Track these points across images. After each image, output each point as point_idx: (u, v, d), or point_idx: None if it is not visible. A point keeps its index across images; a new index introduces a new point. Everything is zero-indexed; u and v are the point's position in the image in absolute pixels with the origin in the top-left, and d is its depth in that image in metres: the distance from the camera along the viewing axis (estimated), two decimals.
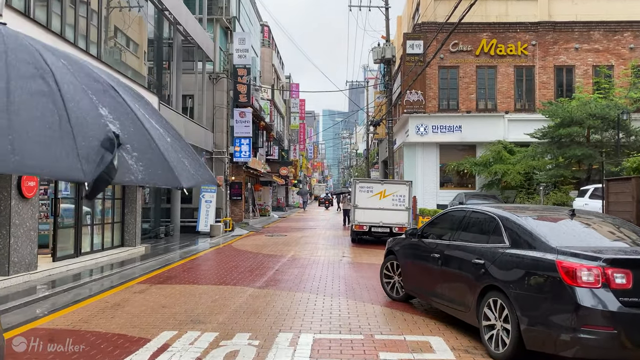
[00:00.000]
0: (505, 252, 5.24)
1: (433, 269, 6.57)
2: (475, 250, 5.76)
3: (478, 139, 25.18)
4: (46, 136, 1.61)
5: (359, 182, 15.80)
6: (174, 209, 19.53)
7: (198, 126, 19.13)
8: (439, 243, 6.64)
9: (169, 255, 13.40)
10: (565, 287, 4.45)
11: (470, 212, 6.49)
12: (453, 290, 6.11)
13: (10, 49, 1.73)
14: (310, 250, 14.50)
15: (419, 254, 7.14)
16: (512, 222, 5.48)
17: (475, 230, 6.15)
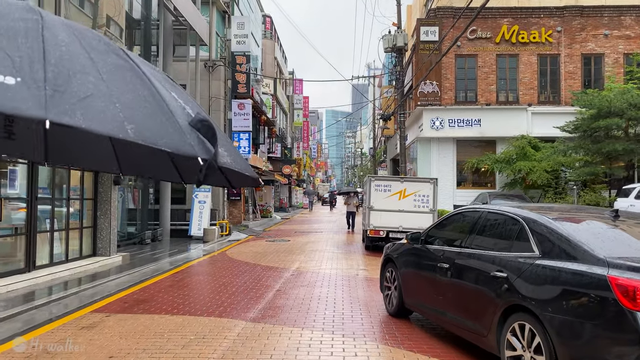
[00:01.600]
0: (535, 263, 4.23)
1: (440, 282, 5.41)
2: (494, 259, 4.68)
3: (498, 134, 22.74)
4: (146, 108, 1.69)
5: (375, 179, 13.37)
6: (164, 210, 17.14)
7: None
8: (448, 250, 5.47)
9: (149, 266, 11.00)
10: (623, 311, 3.44)
11: (486, 213, 5.29)
12: (465, 308, 4.98)
13: (75, 29, 1.78)
14: (318, 260, 12.08)
15: (423, 262, 5.93)
16: (541, 226, 4.44)
17: (494, 235, 5.02)
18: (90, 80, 1.60)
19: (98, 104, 1.54)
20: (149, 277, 9.77)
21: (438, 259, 5.52)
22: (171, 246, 15.20)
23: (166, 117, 1.75)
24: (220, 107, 20.49)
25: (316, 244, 15.67)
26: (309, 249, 14.31)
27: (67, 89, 1.48)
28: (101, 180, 11.51)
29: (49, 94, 1.43)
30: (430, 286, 5.65)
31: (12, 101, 1.36)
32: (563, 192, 20.45)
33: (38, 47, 1.52)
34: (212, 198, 19.51)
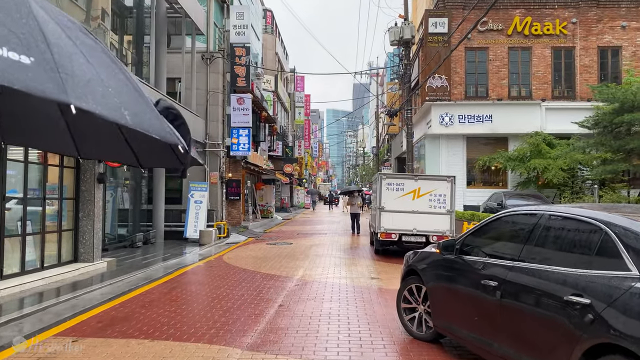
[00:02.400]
0: (636, 287, 3.08)
1: (485, 303, 4.23)
2: (567, 279, 3.54)
3: (511, 130, 21.53)
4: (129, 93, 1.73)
5: (387, 177, 12.12)
6: (157, 210, 15.91)
7: (184, 110, 15.46)
8: (495, 263, 4.30)
9: (137, 274, 9.78)
10: None
11: (547, 218, 4.08)
12: (523, 340, 3.80)
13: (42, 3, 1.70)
14: (324, 267, 10.84)
15: (460, 277, 4.75)
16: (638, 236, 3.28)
17: (563, 247, 3.86)
18: (82, 62, 1.60)
19: (98, 88, 1.56)
20: (134, 287, 8.54)
21: (481, 274, 4.37)
22: (164, 250, 13.97)
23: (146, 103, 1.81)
24: (219, 101, 19.26)
25: (321, 248, 14.43)
26: (313, 254, 13.07)
27: (72, 72, 1.48)
28: (83, 178, 10.28)
29: (63, 77, 1.43)
30: (470, 307, 4.51)
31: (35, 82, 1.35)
32: (580, 192, 19.24)
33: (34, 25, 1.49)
34: (209, 198, 18.31)
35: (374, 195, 13.82)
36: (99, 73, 1.64)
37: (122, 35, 15.31)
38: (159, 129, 1.78)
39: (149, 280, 9.24)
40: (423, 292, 5.37)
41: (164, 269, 10.60)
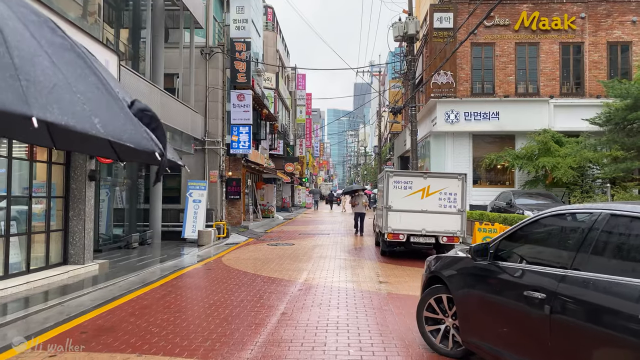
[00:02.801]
0: None
1: (529, 318, 3.55)
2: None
3: (518, 128, 20.91)
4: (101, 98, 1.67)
5: (394, 175, 11.48)
6: (154, 210, 15.29)
7: (182, 105, 14.84)
8: (540, 272, 3.60)
9: (130, 277, 9.16)
10: None
11: (608, 217, 3.36)
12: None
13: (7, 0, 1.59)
14: (329, 269, 10.22)
15: (496, 287, 4.06)
16: None
17: (632, 255, 3.14)
18: (47, 65, 1.51)
19: (65, 96, 1.47)
20: (125, 291, 7.92)
21: (523, 284, 3.70)
22: (161, 251, 13.36)
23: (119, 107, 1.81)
24: (218, 97, 18.64)
25: (324, 249, 13.81)
26: (316, 255, 12.45)
27: (34, 78, 1.39)
28: (74, 176, 9.67)
29: (24, 84, 1.33)
30: (508, 323, 3.86)
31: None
32: (591, 191, 18.62)
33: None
34: (208, 197, 17.69)
35: (379, 194, 13.19)
36: (67, 76, 1.56)
37: (118, 29, 14.71)
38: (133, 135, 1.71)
39: (143, 284, 8.63)
40: (450, 302, 4.72)
41: (159, 271, 9.99)
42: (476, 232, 11.06)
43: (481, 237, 11.05)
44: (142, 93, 11.62)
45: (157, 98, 12.57)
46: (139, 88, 11.53)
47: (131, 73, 11.24)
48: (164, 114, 12.97)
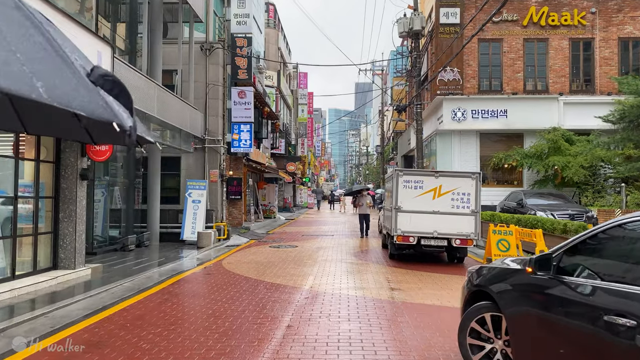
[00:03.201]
0: None
1: (612, 349, 2.80)
2: None
3: (526, 126, 20.29)
4: (48, 59, 1.48)
5: (404, 174, 10.83)
6: (152, 210, 14.66)
7: (181, 102, 14.21)
8: (627, 293, 2.83)
9: (124, 283, 8.54)
10: None
11: None
12: None
13: None
14: (336, 274, 9.58)
15: (564, 307, 3.26)
16: None
17: None
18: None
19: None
20: (118, 299, 7.29)
21: (601, 306, 2.97)
22: (158, 254, 12.73)
23: (71, 71, 1.54)
24: (219, 95, 18.00)
25: (329, 251, 13.17)
26: (321, 258, 11.81)
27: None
28: (64, 174, 9.04)
29: None
30: (581, 353, 3.15)
31: None
32: (603, 191, 17.98)
33: None
34: (208, 197, 17.07)
35: (387, 194, 12.54)
36: (4, 34, 1.39)
37: (114, 23, 14.09)
38: (87, 102, 1.44)
39: (137, 290, 8.00)
40: (500, 322, 3.98)
41: (156, 276, 9.36)
42: (490, 234, 10.42)
43: (496, 239, 10.42)
44: (137, 87, 10.99)
45: (154, 93, 11.94)
46: (135, 82, 10.90)
47: (126, 66, 10.61)
48: (161, 110, 12.35)
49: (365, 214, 17.39)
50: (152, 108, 11.74)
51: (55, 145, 9.00)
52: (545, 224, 10.79)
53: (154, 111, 11.80)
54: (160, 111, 12.27)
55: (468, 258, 11.49)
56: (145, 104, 11.27)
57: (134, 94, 10.17)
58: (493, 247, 10.42)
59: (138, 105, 10.90)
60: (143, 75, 11.39)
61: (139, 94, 11.03)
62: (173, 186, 17.23)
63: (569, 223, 9.88)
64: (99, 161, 9.78)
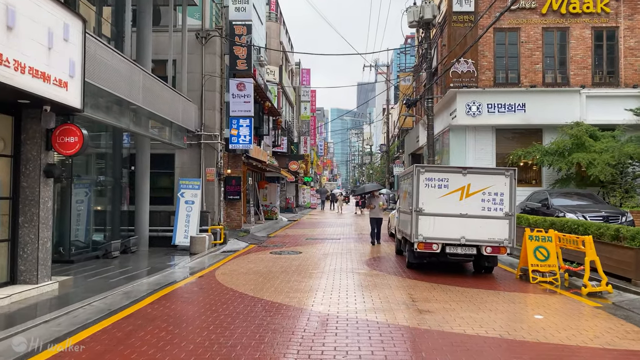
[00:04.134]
0: None
1: None
2: None
3: (546, 121, 18.69)
4: None
5: (426, 170, 9.23)
6: (140, 213, 13.10)
7: (172, 92, 12.63)
8: None
9: (93, 302, 6.98)
10: None
11: None
12: None
13: None
14: (349, 289, 8.01)
15: None
16: None
17: None
18: None
19: None
20: (76, 328, 5.74)
21: None
22: (146, 261, 11.20)
23: None
24: (216, 86, 16.45)
25: (337, 259, 11.58)
26: (329, 268, 10.23)
27: None
28: (24, 171, 7.49)
29: None
30: None
31: None
32: (632, 190, 16.39)
33: None
34: (204, 197, 15.54)
35: (403, 195, 10.93)
36: None
37: (100, 6, 12.56)
38: None
39: (107, 312, 6.44)
40: None
41: (135, 292, 7.80)
42: (527, 240, 8.84)
43: (533, 246, 8.85)
44: (119, 72, 9.43)
45: (140, 80, 10.37)
46: (116, 66, 9.34)
47: (104, 47, 9.04)
48: (148, 100, 10.79)
49: (377, 218, 14.94)
50: (136, 96, 10.18)
51: (14, 136, 7.46)
52: (590, 228, 9.19)
53: (138, 100, 10.24)
54: (147, 101, 10.71)
55: (497, 268, 9.91)
56: (128, 91, 9.72)
57: (114, 78, 8.52)
58: (530, 255, 8.84)
59: (119, 92, 9.34)
60: (126, 58, 9.82)
61: (119, 79, 9.48)
62: (166, 185, 15.68)
63: (623, 228, 8.29)
64: (68, 155, 8.22)
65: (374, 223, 14.86)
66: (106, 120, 9.34)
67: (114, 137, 12.62)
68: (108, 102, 9.64)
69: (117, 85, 9.20)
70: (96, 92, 8.89)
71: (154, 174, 16.30)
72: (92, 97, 8.80)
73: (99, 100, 9.18)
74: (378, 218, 14.86)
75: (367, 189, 15.29)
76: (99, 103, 9.21)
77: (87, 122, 10.11)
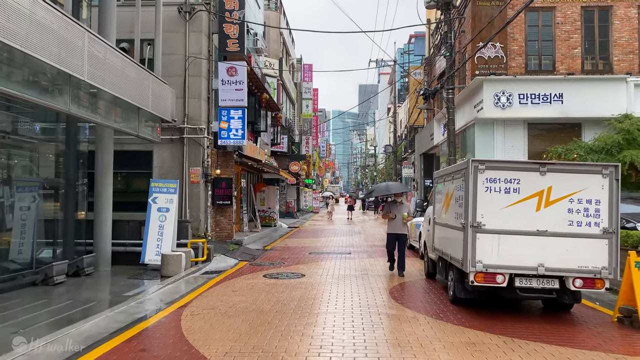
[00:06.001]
0: None
1: None
2: None
3: (586, 114, 15.71)
4: None
5: (487, 168, 6.24)
6: (100, 223, 10.14)
7: (137, 68, 9.57)
8: None
9: None
10: None
11: None
12: None
13: None
14: (379, 350, 5.05)
15: None
16: None
17: None
18: None
19: None
20: None
21: None
22: (95, 290, 8.27)
23: None
24: (202, 71, 13.57)
25: (351, 286, 8.61)
26: (342, 304, 7.25)
27: None
28: None
29: None
30: None
31: None
32: None
33: None
34: (188, 202, 12.68)
35: (444, 200, 7.91)
36: None
37: None
38: None
39: None
40: None
41: (43, 356, 4.86)
42: (632, 268, 5.93)
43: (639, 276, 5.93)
44: (49, 29, 6.50)
45: (83, 45, 7.42)
46: (44, 20, 6.40)
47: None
48: (99, 74, 7.85)
49: (399, 234, 9.88)
50: (79, 68, 7.24)
51: None
52: None
53: (82, 72, 7.31)
54: (97, 75, 7.78)
55: (580, 305, 6.97)
56: (62, 57, 6.79)
57: (35, 35, 5.36)
58: (638, 290, 5.92)
59: (46, 57, 6.42)
60: (59, 11, 6.87)
61: (54, 42, 6.57)
62: (142, 188, 12.72)
63: None
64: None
65: (393, 241, 9.85)
66: (25, 95, 6.40)
67: (67, 128, 9.74)
68: (34, 72, 6.75)
69: (41, 46, 6.28)
70: (12, 57, 6.04)
71: (127, 174, 13.45)
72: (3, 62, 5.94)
73: (13, 68, 6.29)
74: (401, 234, 9.90)
75: (391, 190, 10.42)
76: (14, 73, 6.31)
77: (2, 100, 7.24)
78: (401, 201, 10.03)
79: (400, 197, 10.10)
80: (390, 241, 9.94)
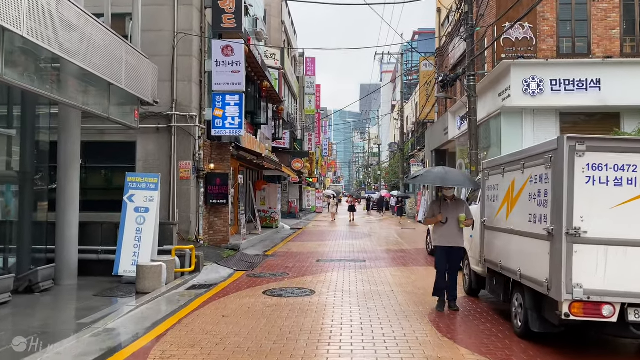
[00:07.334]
0: None
1: None
2: None
3: (626, 102, 13.79)
4: None
5: (590, 149, 4.18)
6: (64, 225, 8.16)
7: (108, 34, 7.47)
8: None
9: None
10: None
11: None
12: None
13: None
14: None
15: None
16: None
17: None
18: None
19: None
20: None
21: None
22: (48, 313, 6.31)
23: None
24: (193, 50, 11.62)
25: (377, 309, 6.63)
26: (371, 340, 5.28)
27: None
28: None
29: None
30: None
31: None
32: None
33: None
34: (177, 201, 10.76)
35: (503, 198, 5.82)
36: None
37: None
38: None
39: None
40: None
41: None
42: None
43: None
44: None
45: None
46: None
47: None
48: (46, 31, 5.88)
49: (454, 248, 6.66)
50: (14, 19, 5.30)
51: None
52: None
53: (19, 26, 5.36)
54: (44, 33, 5.82)
55: None
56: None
57: None
58: None
59: None
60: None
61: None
62: (118, 185, 10.76)
63: None
64: None
65: (443, 257, 6.62)
66: None
67: (23, 112, 7.79)
68: None
69: None
70: None
71: (107, 168, 11.51)
72: None
73: None
74: (454, 248, 6.64)
75: (448, 180, 6.71)
76: None
77: None
78: (454, 197, 6.82)
79: (451, 192, 6.84)
80: (439, 256, 6.62)
